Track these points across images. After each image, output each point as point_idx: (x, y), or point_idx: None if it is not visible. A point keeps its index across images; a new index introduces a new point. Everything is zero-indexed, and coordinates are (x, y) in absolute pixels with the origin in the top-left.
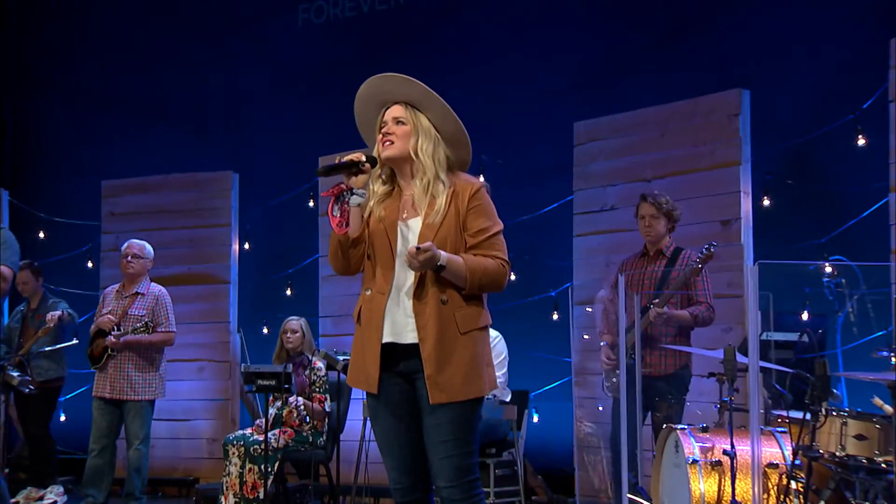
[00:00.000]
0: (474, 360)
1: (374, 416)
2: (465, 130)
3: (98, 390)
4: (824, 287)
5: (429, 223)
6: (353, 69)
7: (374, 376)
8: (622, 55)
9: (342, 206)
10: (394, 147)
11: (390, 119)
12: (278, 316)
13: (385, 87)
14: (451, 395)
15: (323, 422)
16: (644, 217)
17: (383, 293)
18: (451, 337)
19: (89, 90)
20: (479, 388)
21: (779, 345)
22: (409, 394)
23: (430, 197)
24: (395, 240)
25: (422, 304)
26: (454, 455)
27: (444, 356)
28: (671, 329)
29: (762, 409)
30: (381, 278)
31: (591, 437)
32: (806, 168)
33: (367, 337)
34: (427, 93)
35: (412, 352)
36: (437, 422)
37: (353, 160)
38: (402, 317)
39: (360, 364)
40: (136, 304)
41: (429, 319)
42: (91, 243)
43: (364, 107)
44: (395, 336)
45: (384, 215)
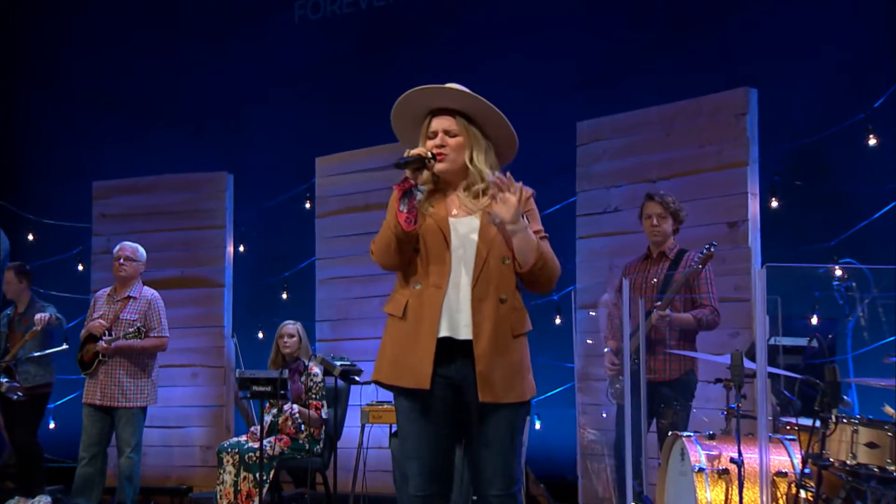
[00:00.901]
0: (522, 363)
1: (409, 415)
2: (514, 130)
3: (88, 397)
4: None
5: (488, 221)
6: (351, 67)
7: (427, 372)
8: (625, 53)
9: (410, 202)
10: (448, 160)
11: (441, 130)
12: (274, 320)
13: (431, 96)
14: (500, 395)
15: (320, 429)
16: (651, 216)
17: (440, 287)
18: (505, 338)
19: (80, 88)
20: (523, 392)
21: (787, 350)
22: (452, 400)
23: (488, 199)
24: (450, 235)
25: (480, 301)
26: (508, 463)
27: (496, 356)
28: (675, 333)
29: (770, 416)
30: (435, 273)
31: (595, 445)
32: (815, 168)
33: (417, 331)
34: (480, 103)
35: (465, 350)
36: (488, 425)
37: (420, 155)
38: (459, 312)
39: (403, 360)
40: (127, 309)
41: (486, 317)
42: (81, 246)
43: (404, 110)
44: (451, 331)
45: (433, 211)
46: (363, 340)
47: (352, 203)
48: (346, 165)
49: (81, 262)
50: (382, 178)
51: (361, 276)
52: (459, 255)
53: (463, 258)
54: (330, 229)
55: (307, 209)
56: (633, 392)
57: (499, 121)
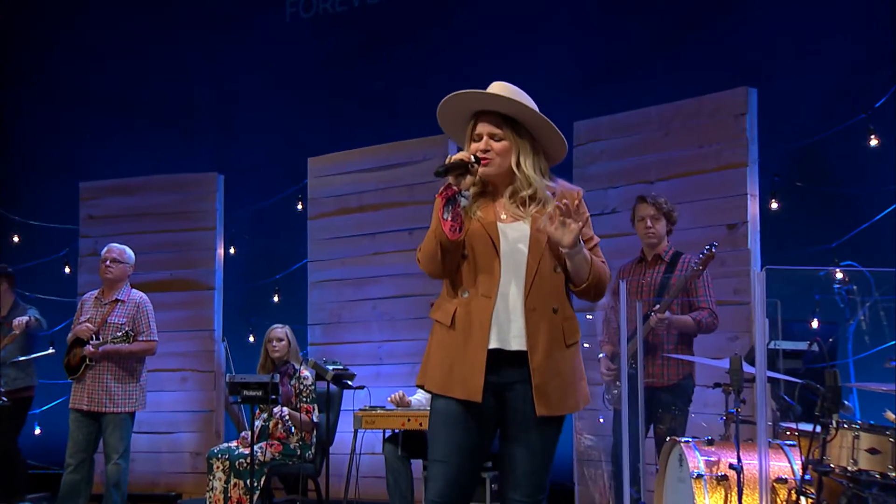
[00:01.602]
0: (575, 373)
1: (444, 418)
2: (560, 133)
3: (75, 402)
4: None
5: (540, 227)
6: (344, 66)
7: (479, 383)
8: (624, 51)
9: (454, 210)
10: (493, 164)
11: (485, 133)
12: (265, 323)
13: (476, 99)
14: (554, 408)
15: (311, 433)
16: (644, 218)
17: (489, 296)
18: (559, 348)
19: (67, 86)
20: (577, 403)
21: (787, 354)
22: (493, 409)
23: (538, 204)
24: (499, 242)
25: (533, 311)
26: (543, 470)
27: (552, 367)
28: (673, 337)
29: (770, 421)
30: (484, 281)
31: (592, 451)
32: (816, 169)
33: (465, 341)
34: (522, 108)
35: (515, 360)
36: (537, 438)
37: (462, 160)
38: (509, 322)
39: (455, 370)
40: (115, 312)
41: (540, 327)
42: (68, 248)
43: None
44: (500, 342)
45: (481, 215)
46: (356, 344)
47: (345, 204)
48: (338, 166)
49: (68, 265)
50: (376, 179)
51: (354, 279)
52: (509, 263)
53: (512, 266)
54: (322, 231)
55: (299, 210)
56: (631, 397)
57: (546, 126)
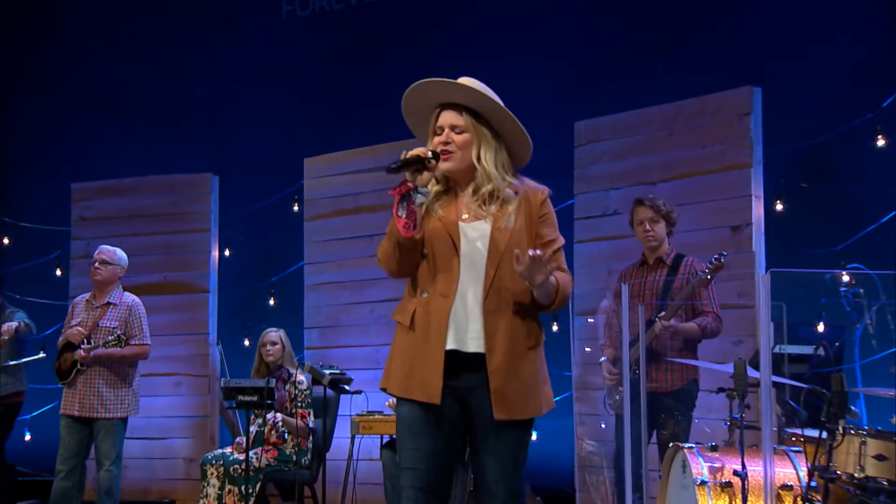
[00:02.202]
0: (537, 376)
1: (411, 426)
2: (526, 131)
3: (66, 407)
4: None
5: (500, 227)
6: (341, 65)
7: (437, 386)
8: (626, 50)
9: (409, 207)
10: (454, 158)
11: (447, 125)
12: (260, 327)
13: (437, 89)
14: (515, 412)
15: (306, 439)
16: (643, 221)
17: (446, 296)
18: (520, 350)
19: (59, 85)
20: (539, 406)
21: (793, 358)
22: (457, 412)
23: (498, 202)
24: (459, 241)
25: (492, 313)
26: (511, 478)
27: (511, 370)
28: (677, 343)
29: (775, 426)
30: (442, 281)
31: (594, 456)
32: (821, 170)
33: (423, 342)
34: (486, 99)
35: (473, 363)
36: (500, 442)
37: (418, 156)
38: (467, 323)
39: (415, 372)
40: (107, 315)
41: (499, 329)
42: (60, 250)
43: (414, 104)
44: (458, 343)
45: (442, 214)
46: (353, 348)
47: (341, 206)
48: (335, 167)
49: (59, 268)
50: (373, 180)
51: (351, 282)
52: (468, 263)
53: (472, 266)
54: (319, 233)
55: (295, 212)
56: (633, 402)
57: (508, 120)
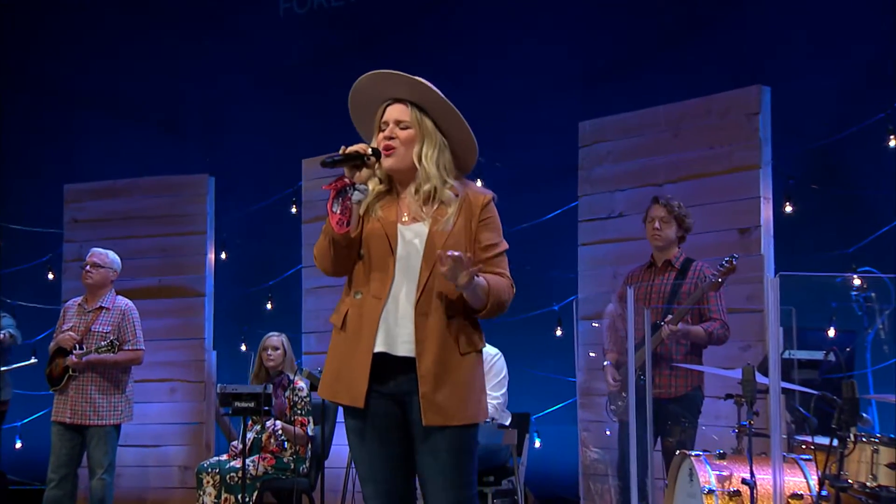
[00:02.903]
0: (471, 383)
1: (355, 437)
2: (473, 134)
3: (58, 415)
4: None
5: (437, 230)
6: (340, 63)
7: (361, 389)
8: (632, 48)
9: (344, 203)
10: (396, 155)
11: (392, 120)
12: (257, 332)
13: (386, 83)
14: (447, 417)
15: (305, 447)
16: (653, 220)
17: (379, 298)
18: (451, 356)
19: (51, 85)
20: (475, 412)
21: (802, 364)
22: (398, 417)
23: (437, 204)
24: (396, 242)
25: (424, 316)
26: (453, 487)
27: (442, 375)
28: (682, 348)
29: (784, 434)
30: (376, 282)
31: (598, 464)
32: (832, 171)
33: (354, 344)
34: (435, 96)
35: (404, 367)
36: (434, 450)
37: (357, 152)
38: (398, 326)
39: (342, 374)
40: (100, 320)
41: (430, 333)
42: (52, 253)
43: (361, 98)
44: (387, 346)
45: (381, 215)
46: None
47: None
48: (333, 168)
49: (52, 271)
50: None
51: None
52: (403, 265)
53: (407, 268)
54: (317, 235)
55: (293, 214)
56: (638, 408)
57: (456, 120)
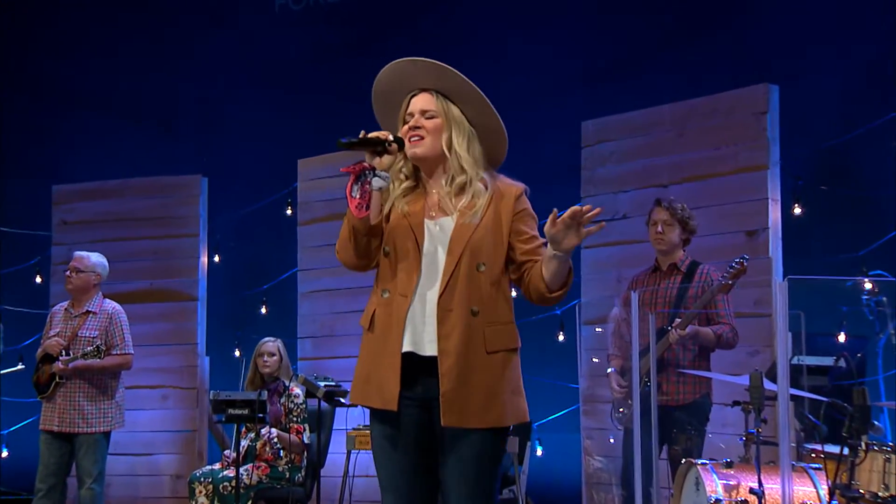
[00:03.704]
0: (498, 384)
1: (381, 442)
2: (503, 124)
3: (45, 423)
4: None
5: (464, 223)
6: (337, 61)
7: (394, 391)
8: (636, 46)
9: (363, 187)
10: (423, 144)
11: (417, 110)
12: (252, 337)
13: (411, 71)
14: (464, 419)
15: (301, 455)
16: (656, 223)
17: (405, 296)
18: (476, 354)
19: (40, 83)
20: (499, 416)
21: (812, 370)
22: (426, 423)
23: (468, 197)
24: (423, 238)
25: (447, 311)
26: (475, 495)
27: (464, 374)
28: (689, 353)
29: (794, 442)
30: (403, 280)
31: (601, 473)
32: (841, 172)
33: (382, 346)
34: (462, 82)
35: (431, 368)
36: (456, 455)
37: (378, 137)
38: (424, 325)
39: (373, 377)
40: (86, 325)
41: (453, 329)
42: (40, 256)
43: (387, 90)
44: (414, 346)
45: (408, 211)
46: (349, 359)
47: (337, 209)
48: (330, 168)
49: (40, 274)
50: None
51: (347, 289)
52: (429, 261)
53: (432, 265)
54: (313, 238)
55: (288, 216)
56: (643, 416)
57: (482, 105)
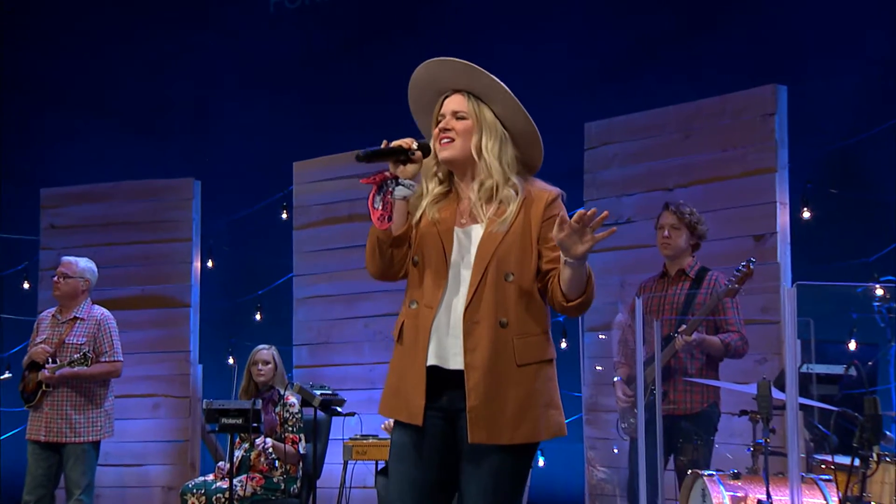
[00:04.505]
0: (531, 398)
1: (400, 453)
2: (537, 127)
3: (32, 433)
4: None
5: (492, 231)
6: (333, 62)
7: (419, 404)
8: (639, 45)
9: (385, 198)
10: (453, 146)
11: (448, 112)
12: (246, 344)
13: (442, 72)
14: (494, 435)
15: (297, 466)
16: (663, 227)
17: (431, 307)
18: (505, 367)
19: (27, 83)
20: (532, 431)
21: (821, 379)
22: (449, 436)
23: (497, 203)
24: (451, 247)
25: (474, 324)
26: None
27: (493, 389)
28: (696, 362)
29: (803, 453)
30: (429, 290)
31: (605, 484)
32: (852, 175)
33: (410, 358)
34: (493, 83)
35: (457, 381)
36: (478, 471)
37: (401, 146)
38: (449, 337)
39: (400, 390)
40: (74, 331)
41: (480, 342)
42: (28, 261)
43: (420, 92)
44: (439, 359)
45: (439, 218)
46: (346, 367)
47: (334, 213)
48: (327, 171)
49: (28, 280)
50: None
51: (344, 295)
52: (457, 270)
53: (460, 275)
54: (309, 242)
55: (284, 220)
56: (649, 426)
57: (514, 109)
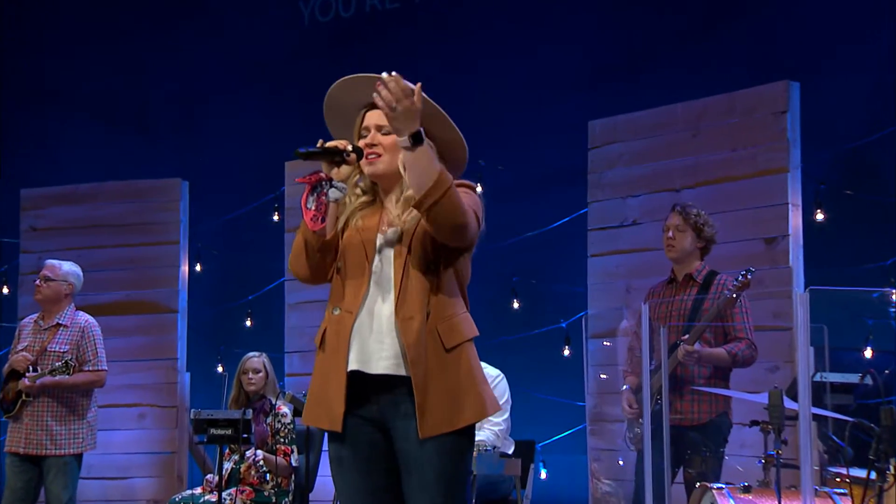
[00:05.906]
0: (468, 377)
1: (336, 465)
2: (460, 132)
3: (11, 444)
4: (891, 318)
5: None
6: (327, 59)
7: (339, 412)
8: (646, 41)
9: (318, 198)
10: (381, 161)
11: (373, 126)
12: (235, 351)
13: (359, 88)
14: (444, 423)
15: (288, 479)
16: (668, 228)
17: (352, 312)
18: (437, 356)
19: (6, 81)
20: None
21: (836, 388)
22: (381, 445)
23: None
24: (373, 254)
25: (408, 320)
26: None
27: (432, 379)
28: (705, 370)
29: (816, 465)
30: (350, 295)
31: (610, 497)
32: (867, 176)
33: (332, 364)
34: None
35: (383, 386)
36: (419, 464)
37: (336, 147)
38: (371, 342)
39: (321, 397)
40: (56, 339)
41: (414, 339)
42: (7, 265)
43: (337, 107)
44: (361, 364)
45: (362, 226)
46: None
47: None
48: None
49: (7, 285)
50: None
51: None
52: (378, 274)
53: (381, 278)
54: None
55: (275, 222)
56: (656, 437)
57: (437, 117)
